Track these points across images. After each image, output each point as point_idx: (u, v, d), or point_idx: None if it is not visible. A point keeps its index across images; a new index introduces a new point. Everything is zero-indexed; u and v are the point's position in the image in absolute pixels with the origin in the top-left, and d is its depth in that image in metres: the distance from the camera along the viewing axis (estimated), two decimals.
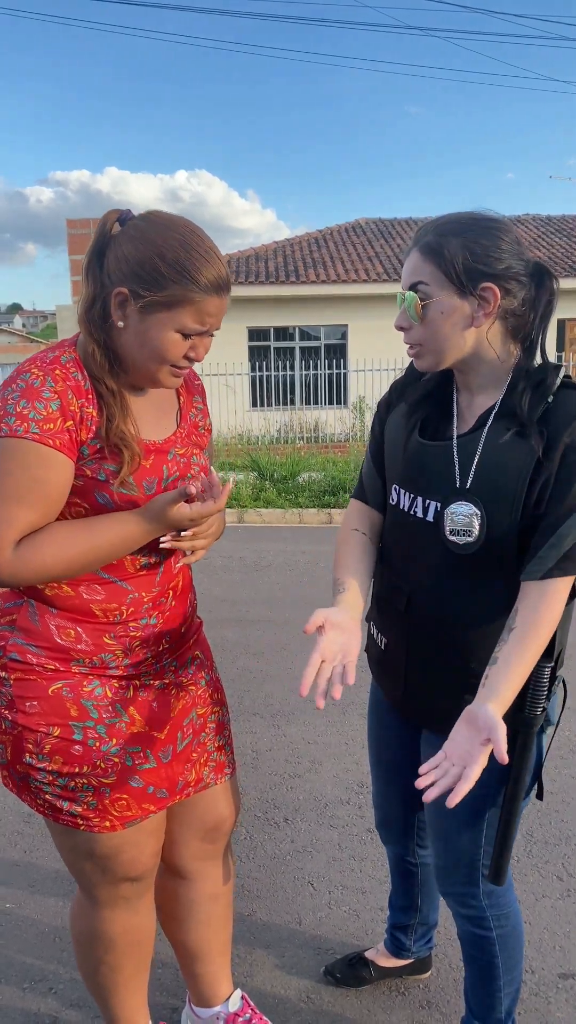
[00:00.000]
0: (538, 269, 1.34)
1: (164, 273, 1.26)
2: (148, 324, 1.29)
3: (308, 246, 18.07)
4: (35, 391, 1.28)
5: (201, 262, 1.28)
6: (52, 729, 1.37)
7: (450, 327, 1.33)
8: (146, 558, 1.41)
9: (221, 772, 1.62)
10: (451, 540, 1.37)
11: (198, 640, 1.62)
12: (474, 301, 1.31)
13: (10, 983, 2.03)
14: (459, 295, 1.31)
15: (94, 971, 1.60)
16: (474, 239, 1.30)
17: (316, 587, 5.66)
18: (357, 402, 14.85)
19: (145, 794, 1.44)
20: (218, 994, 1.76)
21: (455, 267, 1.29)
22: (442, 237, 1.31)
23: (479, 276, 1.29)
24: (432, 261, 1.32)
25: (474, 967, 1.64)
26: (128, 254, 1.29)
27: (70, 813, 1.41)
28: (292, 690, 3.86)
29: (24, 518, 1.28)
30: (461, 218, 1.34)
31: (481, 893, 1.54)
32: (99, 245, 1.33)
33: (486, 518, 1.33)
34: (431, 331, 1.34)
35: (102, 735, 1.39)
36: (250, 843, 2.61)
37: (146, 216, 1.33)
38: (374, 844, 2.59)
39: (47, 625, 1.38)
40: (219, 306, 1.32)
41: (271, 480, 9.68)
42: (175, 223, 1.30)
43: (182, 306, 1.28)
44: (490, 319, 1.32)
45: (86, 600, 1.38)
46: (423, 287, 1.33)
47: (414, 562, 1.46)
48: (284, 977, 2.03)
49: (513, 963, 1.61)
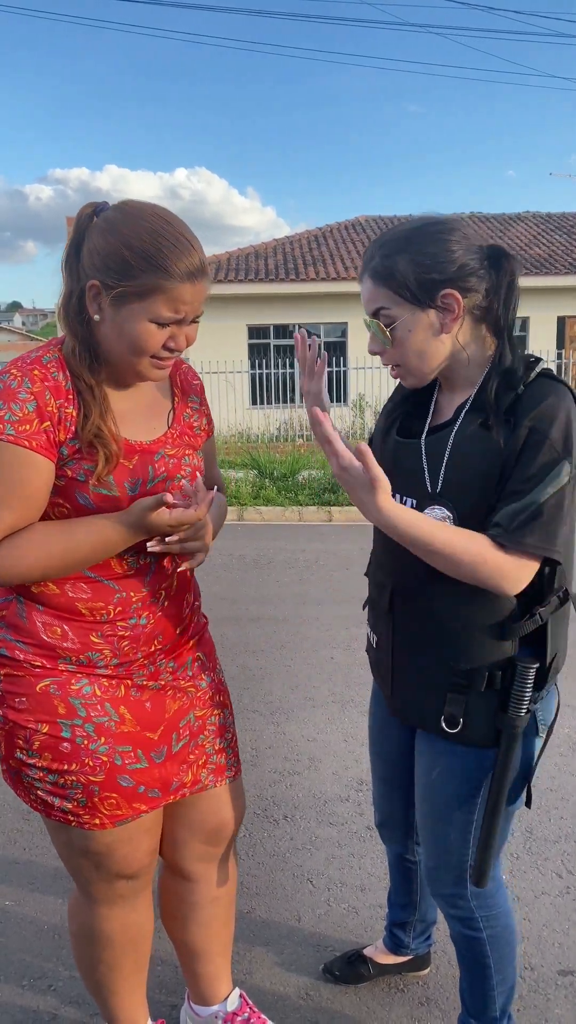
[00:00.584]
0: (493, 252, 1.34)
1: (132, 263, 1.26)
2: (122, 316, 1.29)
3: (308, 244, 18.06)
4: (11, 392, 1.28)
5: (170, 250, 1.27)
6: (40, 726, 1.37)
7: (422, 341, 1.34)
8: (134, 559, 1.40)
9: (221, 775, 1.61)
10: None
11: (201, 640, 1.61)
12: (437, 311, 1.32)
13: (9, 980, 2.03)
14: (421, 309, 1.32)
15: (92, 969, 1.60)
16: (420, 250, 1.30)
17: (316, 585, 5.66)
18: (357, 400, 14.85)
19: (136, 794, 1.43)
20: (217, 993, 1.76)
21: (409, 285, 1.30)
22: (387, 258, 1.32)
23: (435, 285, 1.30)
24: (385, 284, 1.33)
25: (467, 967, 1.64)
26: (98, 246, 1.29)
27: (61, 810, 1.41)
28: (291, 688, 3.86)
29: (4, 519, 1.29)
30: (403, 232, 1.34)
31: (469, 894, 1.54)
32: (77, 239, 1.33)
33: (458, 520, 1.33)
34: (405, 350, 1.36)
35: (90, 733, 1.39)
36: (249, 840, 2.61)
37: (118, 206, 1.33)
38: (373, 841, 2.59)
39: (34, 622, 1.38)
40: (193, 293, 1.31)
41: (271, 478, 9.68)
42: (145, 212, 1.30)
43: (153, 295, 1.28)
44: (458, 322, 1.33)
45: (71, 598, 1.37)
46: (384, 312, 1.34)
47: (396, 560, 1.45)
48: (283, 974, 2.03)
49: (505, 963, 1.61)
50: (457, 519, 1.33)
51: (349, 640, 4.50)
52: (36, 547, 1.31)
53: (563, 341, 16.48)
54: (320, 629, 4.70)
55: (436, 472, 1.36)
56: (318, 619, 4.88)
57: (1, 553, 1.29)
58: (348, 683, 3.91)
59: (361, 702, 3.69)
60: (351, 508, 8.52)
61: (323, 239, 18.38)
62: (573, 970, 2.02)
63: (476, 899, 1.54)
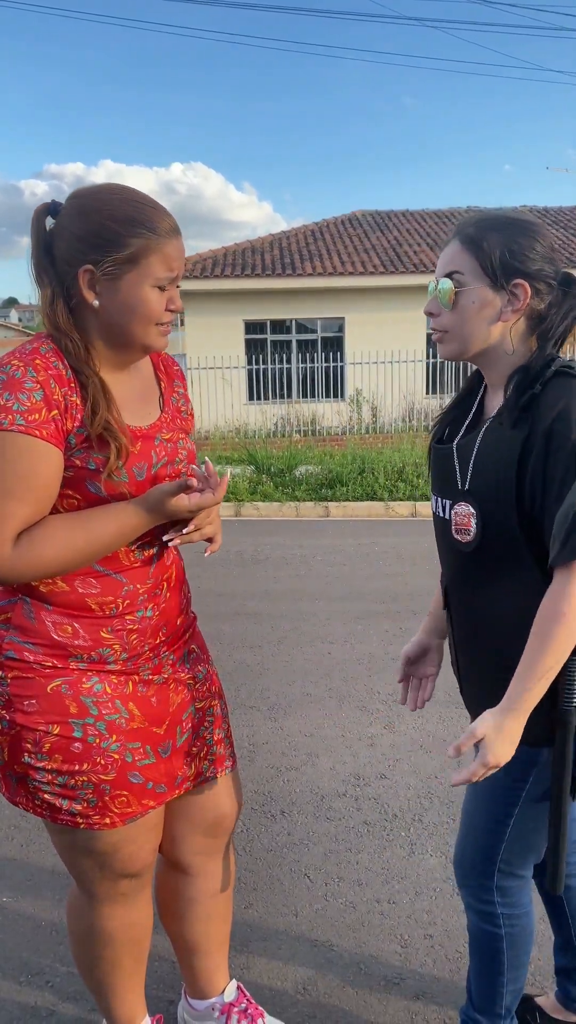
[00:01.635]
0: (567, 279, 1.39)
1: (120, 232, 1.29)
2: (124, 290, 1.31)
3: (305, 238, 18.02)
4: (17, 382, 1.27)
5: (149, 211, 1.31)
6: (51, 727, 1.36)
7: (478, 317, 1.37)
8: (141, 549, 1.41)
9: (221, 765, 1.61)
10: (456, 539, 1.42)
11: (194, 634, 1.62)
12: (505, 296, 1.35)
13: (7, 977, 2.03)
14: (492, 288, 1.35)
15: (92, 966, 1.60)
16: (513, 237, 1.35)
17: (313, 580, 5.67)
18: (354, 395, 14.84)
19: (145, 790, 1.44)
20: (214, 987, 1.76)
21: (492, 260, 1.34)
22: (483, 231, 1.36)
23: (513, 272, 1.34)
24: (471, 252, 1.36)
25: (479, 959, 1.62)
26: (78, 232, 1.30)
27: (70, 812, 1.40)
28: (289, 683, 3.86)
29: (19, 513, 1.27)
30: (502, 216, 1.40)
31: (495, 889, 1.52)
32: (42, 241, 1.34)
33: (481, 516, 1.37)
34: (460, 319, 1.38)
35: (102, 732, 1.39)
36: (247, 836, 2.62)
37: (74, 195, 1.35)
38: (371, 837, 2.60)
39: (43, 622, 1.37)
40: (179, 248, 1.35)
41: (268, 473, 9.67)
42: (106, 187, 1.34)
43: (147, 257, 1.30)
44: (517, 315, 1.37)
45: (81, 594, 1.37)
46: (458, 276, 1.37)
47: (445, 558, 1.52)
48: (281, 969, 2.04)
49: (519, 962, 1.59)
50: (480, 515, 1.37)
51: (346, 635, 4.51)
52: (56, 541, 1.29)
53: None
54: (317, 625, 4.70)
55: (465, 471, 1.41)
56: (315, 614, 4.88)
57: (20, 550, 1.28)
58: (345, 678, 3.91)
59: (359, 697, 3.69)
60: (348, 504, 8.53)
61: (320, 234, 18.35)
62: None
63: (501, 895, 1.53)
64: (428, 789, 2.88)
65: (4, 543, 1.26)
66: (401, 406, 14.92)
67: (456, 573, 1.48)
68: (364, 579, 5.66)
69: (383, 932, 2.16)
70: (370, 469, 9.22)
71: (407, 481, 8.95)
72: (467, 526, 1.40)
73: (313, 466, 9.81)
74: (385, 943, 2.12)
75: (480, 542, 1.38)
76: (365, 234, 18.12)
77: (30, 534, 1.29)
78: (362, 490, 8.83)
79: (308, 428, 14.24)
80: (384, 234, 18.06)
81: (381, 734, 3.32)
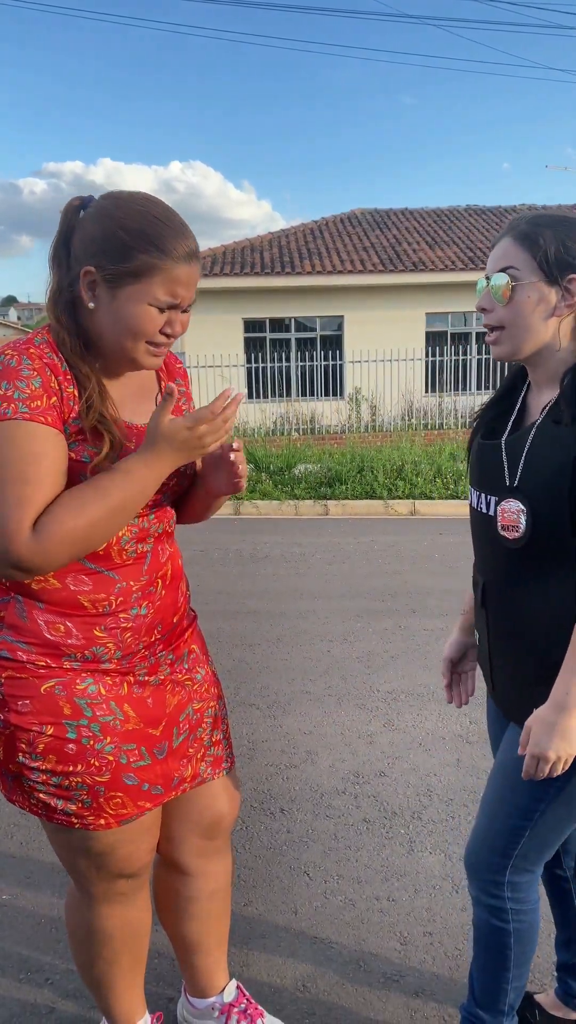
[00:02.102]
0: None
1: (128, 243, 1.27)
2: (119, 300, 1.29)
3: (304, 237, 18.01)
4: (13, 371, 1.26)
5: (164, 229, 1.28)
6: (45, 728, 1.36)
7: (532, 312, 1.37)
8: (132, 546, 1.40)
9: (219, 766, 1.61)
10: (502, 535, 1.42)
11: (193, 633, 1.61)
12: (560, 291, 1.36)
13: (7, 974, 2.03)
14: (547, 283, 1.36)
15: (90, 965, 1.60)
16: (567, 233, 1.36)
17: (312, 579, 5.67)
18: (353, 393, 14.83)
19: (140, 791, 1.43)
20: (214, 985, 1.76)
21: (547, 255, 1.35)
22: (537, 228, 1.37)
23: (568, 267, 1.35)
24: (525, 248, 1.37)
25: (485, 957, 1.60)
26: (92, 233, 1.29)
27: (64, 812, 1.40)
28: (288, 681, 3.87)
29: (36, 497, 1.24)
30: (554, 214, 1.40)
31: (507, 884, 1.52)
32: (65, 232, 1.33)
33: (531, 514, 1.36)
34: (514, 313, 1.39)
35: (96, 733, 1.38)
36: (246, 833, 2.62)
37: (107, 195, 1.34)
38: (370, 834, 2.60)
39: (36, 621, 1.36)
40: (189, 275, 1.30)
41: (267, 472, 9.67)
42: (135, 196, 1.31)
43: (150, 275, 1.28)
44: (571, 311, 1.37)
45: (73, 592, 1.36)
46: (513, 271, 1.37)
47: (485, 555, 1.51)
48: (280, 966, 2.04)
49: (524, 959, 1.59)
50: (531, 512, 1.37)
51: (345, 634, 4.51)
52: (76, 510, 1.25)
53: None
54: (316, 623, 4.71)
55: (515, 468, 1.41)
56: (314, 613, 4.88)
57: (45, 529, 1.23)
58: (344, 677, 3.92)
59: (358, 695, 3.69)
60: (347, 502, 8.53)
61: (319, 232, 18.33)
62: None
63: (512, 890, 1.52)
64: (427, 786, 2.88)
65: (24, 530, 1.22)
66: (400, 404, 14.91)
67: (498, 570, 1.47)
68: (363, 577, 5.66)
69: (382, 929, 2.16)
70: (369, 467, 9.22)
71: (406, 479, 8.95)
72: (515, 523, 1.39)
73: (312, 464, 9.81)
74: (384, 940, 2.12)
75: (529, 539, 1.37)
76: (364, 232, 18.11)
77: (48, 511, 1.25)
78: (361, 488, 8.83)
79: (307, 426, 14.23)
80: (383, 232, 18.05)
81: (380, 732, 3.32)
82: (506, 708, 1.53)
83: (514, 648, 1.47)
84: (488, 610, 1.52)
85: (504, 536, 1.41)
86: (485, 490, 1.48)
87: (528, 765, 1.34)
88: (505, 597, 1.47)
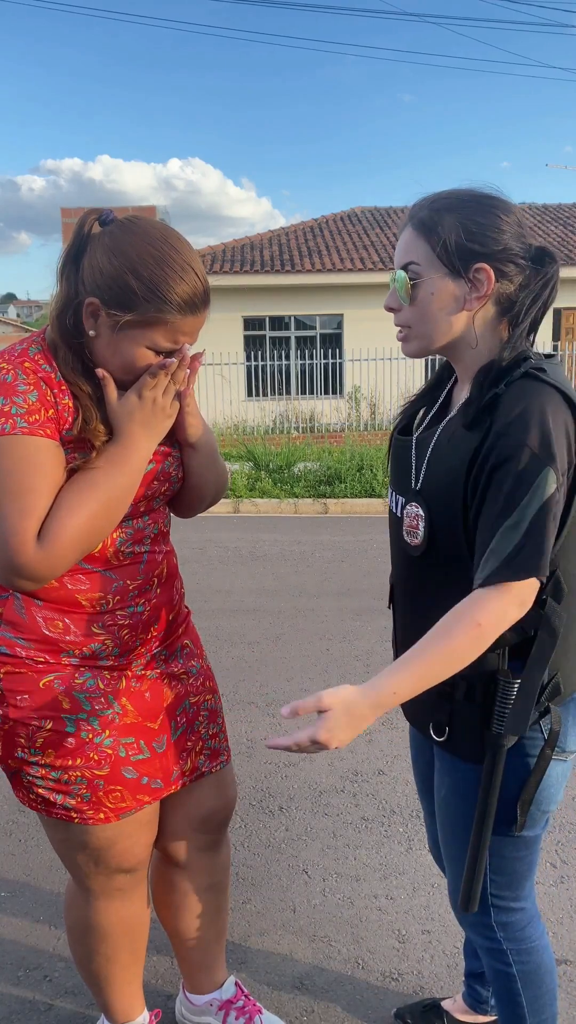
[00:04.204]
0: (540, 253, 1.26)
1: (137, 292, 1.24)
2: (118, 338, 1.28)
3: (304, 235, 18.00)
4: (9, 386, 1.26)
5: (176, 280, 1.25)
6: (44, 723, 1.36)
7: (439, 309, 1.26)
8: (128, 547, 1.40)
9: (216, 760, 1.61)
10: (405, 540, 1.34)
11: (187, 629, 1.61)
12: (466, 283, 1.24)
13: (5, 971, 2.03)
14: (451, 276, 1.24)
15: (89, 960, 1.61)
16: (470, 216, 1.24)
17: (311, 577, 5.67)
18: (353, 391, 14.83)
19: (139, 785, 1.44)
20: (212, 981, 1.76)
21: (448, 246, 1.23)
22: (436, 213, 1.25)
23: (473, 256, 1.23)
24: (424, 238, 1.25)
25: (500, 1003, 1.52)
26: (102, 266, 1.26)
27: (63, 807, 1.40)
28: (287, 679, 3.87)
29: (37, 508, 1.24)
30: (459, 194, 1.27)
31: (495, 924, 1.43)
32: (76, 247, 1.30)
33: (429, 519, 1.28)
34: (419, 313, 1.28)
35: (95, 727, 1.39)
36: (245, 831, 2.62)
37: (125, 224, 1.29)
38: (368, 832, 2.60)
39: (34, 617, 1.36)
40: (194, 324, 1.30)
41: (267, 470, 9.67)
42: (152, 235, 1.27)
43: (154, 326, 1.27)
44: (483, 302, 1.26)
45: (71, 591, 1.36)
46: (414, 267, 1.27)
47: (393, 558, 1.44)
48: (278, 964, 2.04)
49: (541, 1004, 1.48)
50: (428, 517, 1.28)
51: (344, 632, 4.51)
52: (74, 507, 1.25)
53: (559, 333, 16.48)
54: (315, 621, 4.71)
55: (420, 469, 1.32)
56: (313, 611, 4.88)
57: (49, 532, 1.23)
58: (343, 675, 3.92)
59: None
60: (347, 500, 8.53)
61: (318, 230, 18.32)
62: (568, 959, 2.03)
63: (503, 930, 1.43)
64: None
65: (29, 540, 1.22)
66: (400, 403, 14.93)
67: (402, 574, 1.39)
68: (362, 575, 5.66)
69: (381, 928, 2.16)
70: (368, 466, 9.21)
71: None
72: (416, 528, 1.30)
73: (311, 463, 9.81)
74: (383, 939, 2.12)
75: (427, 547, 1.29)
76: (364, 231, 18.11)
77: (48, 516, 1.25)
78: (360, 487, 8.83)
79: (307, 425, 14.23)
80: (383, 230, 18.04)
81: (379, 730, 3.33)
82: (410, 713, 1.47)
83: None
84: (395, 613, 1.46)
85: (407, 542, 1.33)
86: (396, 490, 1.38)
87: (302, 741, 1.15)
88: (408, 602, 1.40)
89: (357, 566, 5.96)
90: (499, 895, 1.41)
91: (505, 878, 1.39)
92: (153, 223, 1.30)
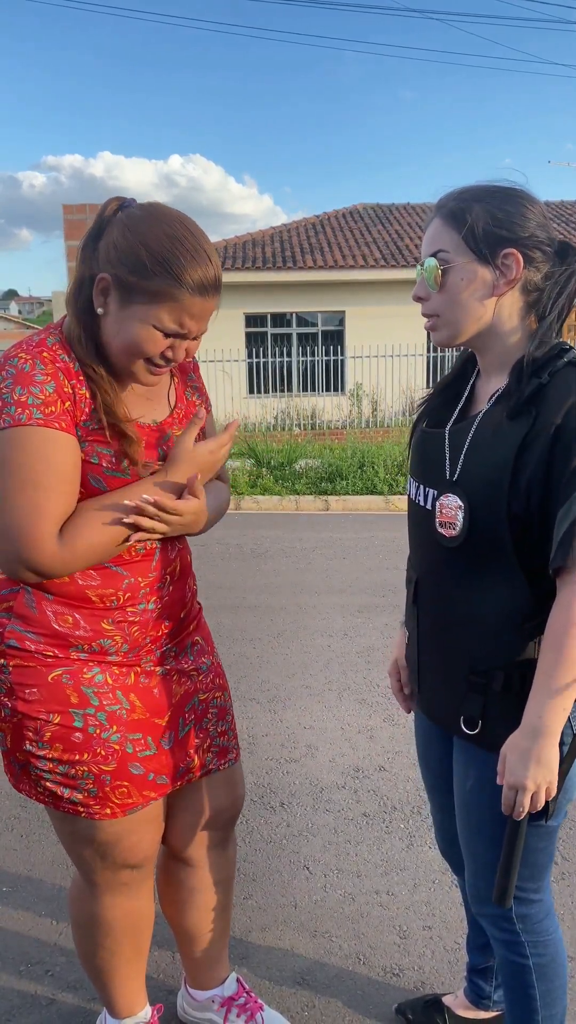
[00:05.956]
0: (563, 247, 1.29)
1: (147, 264, 1.25)
2: (126, 315, 1.28)
3: (305, 231, 17.97)
4: (27, 376, 1.27)
5: (187, 259, 1.26)
6: (52, 716, 1.37)
7: (469, 295, 1.28)
8: (142, 544, 1.41)
9: (224, 757, 1.61)
10: (439, 532, 1.34)
11: (198, 625, 1.62)
12: (495, 269, 1.27)
13: (7, 966, 2.04)
14: (479, 262, 1.27)
15: (92, 955, 1.61)
16: (497, 204, 1.26)
17: (313, 574, 5.67)
18: (354, 389, 14.81)
19: (146, 781, 1.44)
20: (215, 977, 1.77)
21: (475, 232, 1.26)
22: (464, 203, 1.28)
23: (501, 242, 1.25)
24: (453, 227, 1.28)
25: (512, 996, 1.52)
26: (116, 241, 1.28)
27: (71, 801, 1.41)
28: (288, 676, 3.87)
29: (54, 506, 1.27)
30: (485, 186, 1.30)
31: (515, 916, 1.43)
32: (96, 229, 1.32)
33: (469, 510, 1.28)
34: (449, 299, 1.30)
35: (102, 722, 1.39)
36: (246, 827, 2.63)
37: (144, 206, 1.31)
38: (369, 828, 2.61)
39: (44, 612, 1.37)
40: (202, 308, 1.30)
41: (268, 467, 9.67)
42: (168, 217, 1.29)
43: (162, 302, 1.27)
44: (511, 287, 1.27)
45: (81, 586, 1.37)
46: (443, 254, 1.29)
47: (420, 550, 1.44)
48: (280, 959, 2.05)
49: (553, 998, 1.49)
50: (469, 508, 1.28)
51: (346, 628, 4.51)
52: (97, 526, 1.31)
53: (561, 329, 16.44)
54: (317, 618, 4.71)
55: (456, 460, 1.32)
56: (315, 607, 4.89)
57: (69, 542, 1.29)
58: (345, 671, 3.92)
59: (358, 690, 3.70)
60: (348, 497, 8.53)
61: (320, 227, 18.30)
62: (571, 956, 2.04)
63: (522, 922, 1.43)
64: None
65: (49, 538, 1.26)
66: (401, 400, 14.90)
67: (433, 567, 1.39)
68: (364, 572, 5.67)
69: (382, 923, 2.17)
70: (370, 463, 9.21)
71: (407, 475, 8.94)
72: (453, 520, 1.30)
73: (313, 460, 9.81)
74: (384, 934, 2.13)
75: (466, 538, 1.29)
76: (366, 227, 18.08)
77: (73, 524, 1.30)
78: (362, 484, 8.83)
79: (308, 422, 14.22)
80: (385, 227, 18.02)
81: (380, 726, 3.33)
82: (428, 708, 1.48)
83: (444, 649, 1.39)
84: (420, 608, 1.44)
85: (441, 533, 1.33)
86: (425, 482, 1.39)
87: (507, 798, 1.25)
88: (438, 596, 1.39)
89: (359, 563, 5.96)
90: (522, 887, 1.41)
91: (528, 869, 1.39)
92: (172, 210, 1.32)
